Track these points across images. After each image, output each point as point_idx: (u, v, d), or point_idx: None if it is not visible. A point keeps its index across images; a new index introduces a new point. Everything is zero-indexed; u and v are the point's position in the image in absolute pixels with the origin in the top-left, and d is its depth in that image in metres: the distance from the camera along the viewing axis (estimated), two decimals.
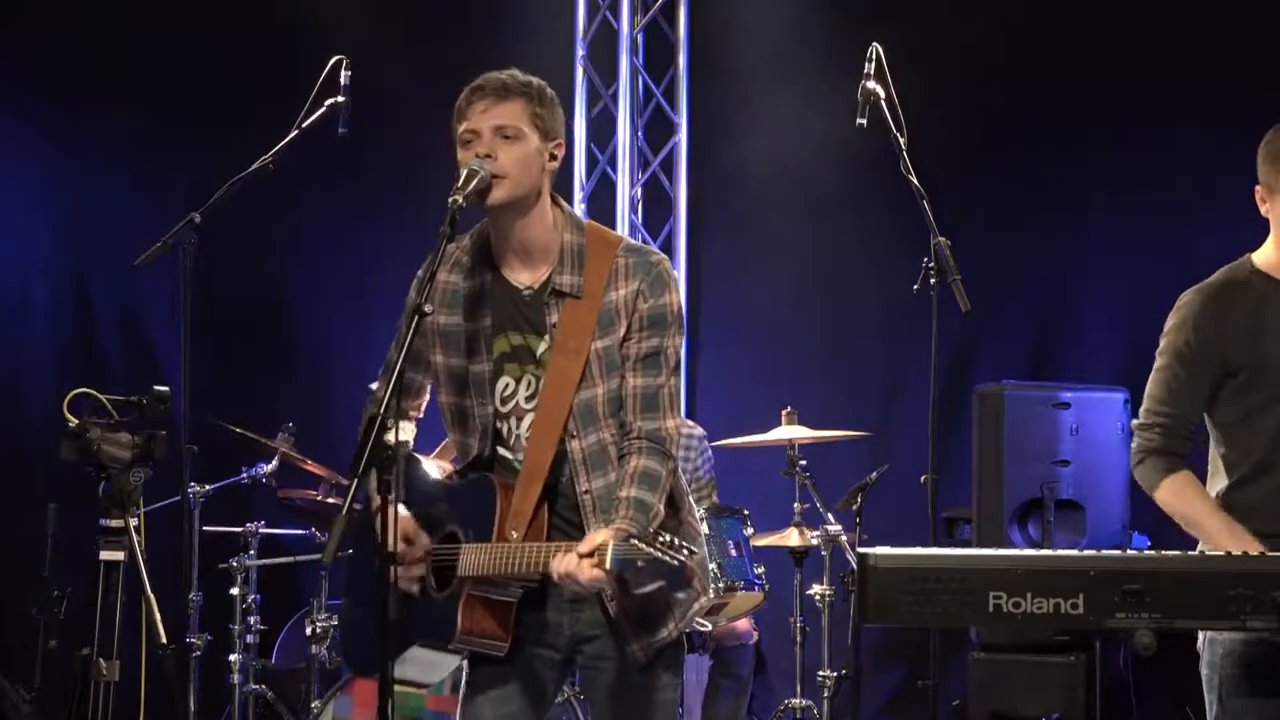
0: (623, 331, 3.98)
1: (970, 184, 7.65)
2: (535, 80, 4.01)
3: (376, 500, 3.88)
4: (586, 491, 3.95)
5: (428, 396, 4.22)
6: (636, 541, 3.68)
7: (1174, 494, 4.31)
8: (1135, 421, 4.41)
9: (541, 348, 3.99)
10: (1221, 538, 4.14)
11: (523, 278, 4.01)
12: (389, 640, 3.77)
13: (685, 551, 3.69)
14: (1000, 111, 7.82)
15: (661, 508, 3.94)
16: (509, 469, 3.99)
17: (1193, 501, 4.28)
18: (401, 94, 8.00)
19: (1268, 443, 4.25)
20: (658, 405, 3.97)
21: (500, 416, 4.01)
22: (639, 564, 3.68)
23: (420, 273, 4.07)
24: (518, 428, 4.00)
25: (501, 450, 4.02)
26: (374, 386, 4.28)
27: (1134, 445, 4.39)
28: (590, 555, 3.71)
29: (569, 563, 3.73)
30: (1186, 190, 7.43)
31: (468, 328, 4.01)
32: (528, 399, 4.00)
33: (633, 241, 4.11)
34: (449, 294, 4.05)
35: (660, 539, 3.71)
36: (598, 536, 3.74)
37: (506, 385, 4.01)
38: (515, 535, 3.89)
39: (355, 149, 6.46)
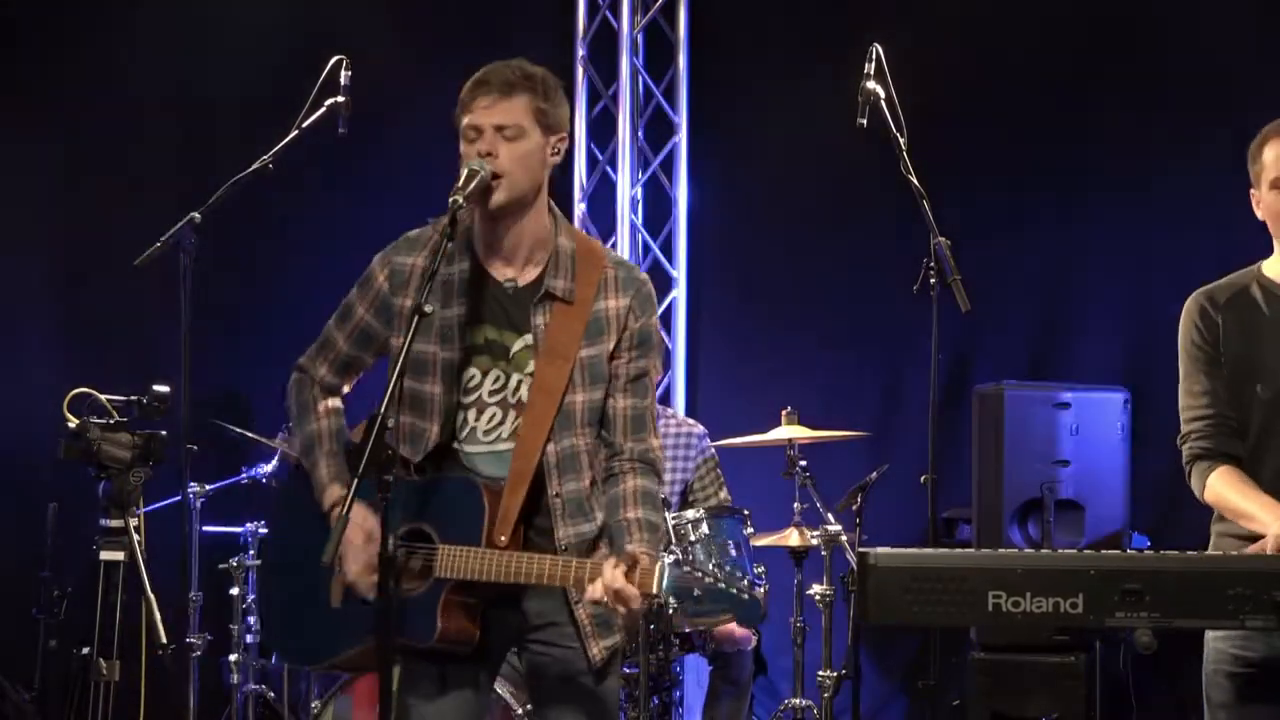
0: (611, 345, 4.02)
1: (971, 184, 7.64)
2: (540, 72, 4.02)
3: (334, 490, 3.95)
4: (557, 495, 3.96)
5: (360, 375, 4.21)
6: (693, 570, 3.75)
7: (1218, 491, 4.22)
8: (1178, 438, 4.35)
9: (517, 346, 4.00)
10: (1267, 515, 4.06)
11: (507, 273, 4.01)
12: (387, 638, 3.78)
13: (746, 582, 3.75)
14: (1001, 111, 7.82)
15: (664, 526, 3.98)
16: (458, 462, 3.98)
17: (1236, 490, 4.18)
18: (401, 93, 8.00)
19: (1253, 445, 4.24)
20: (645, 426, 4.05)
21: (461, 407, 3.99)
22: (695, 592, 3.73)
23: (401, 259, 4.04)
24: (475, 420, 3.99)
25: (453, 443, 3.99)
26: (303, 361, 4.21)
27: (1183, 461, 4.32)
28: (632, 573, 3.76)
29: (616, 579, 3.74)
30: (1187, 190, 7.42)
31: (442, 314, 3.97)
32: (491, 393, 3.99)
33: (617, 255, 4.17)
34: (425, 278, 3.97)
35: (718, 568, 3.76)
36: (639, 558, 3.78)
37: (472, 376, 3.99)
38: (503, 540, 3.88)
39: (356, 148, 6.45)
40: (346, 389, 4.23)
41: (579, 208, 8.58)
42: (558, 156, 4.04)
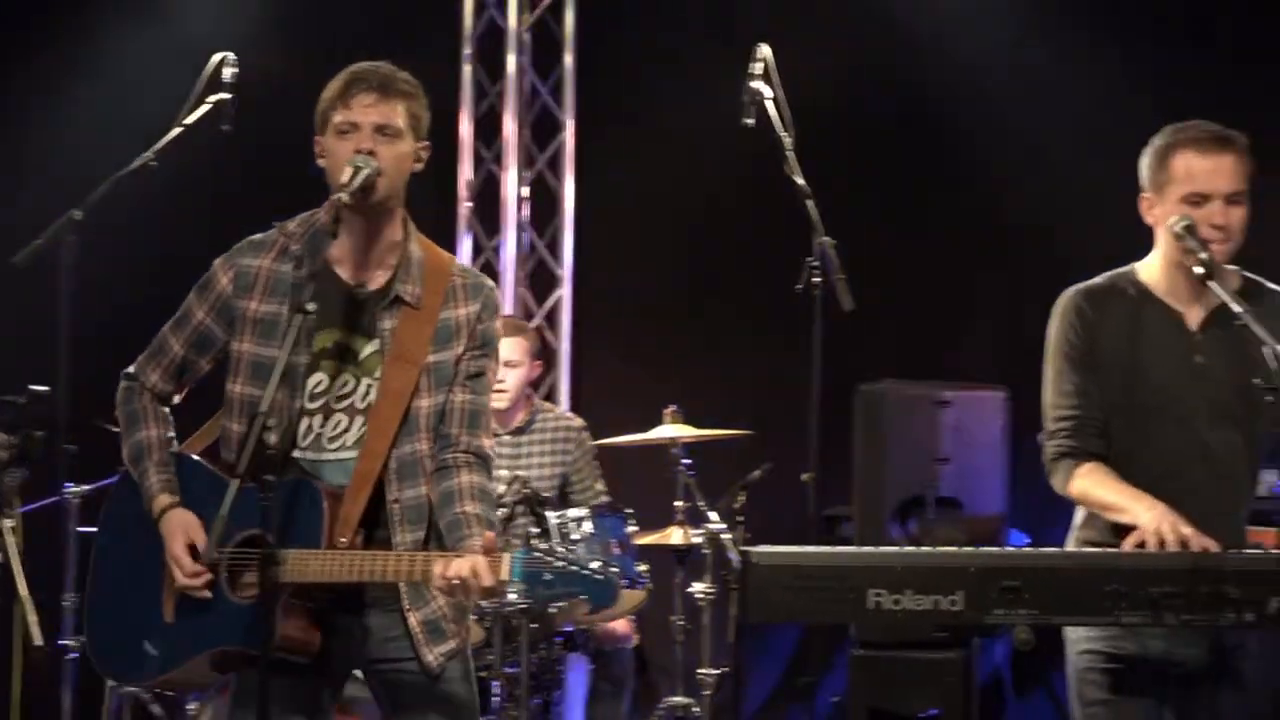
0: (460, 349, 4.01)
1: (860, 183, 7.70)
2: (411, 77, 4.04)
3: (160, 500, 3.95)
4: (395, 501, 3.94)
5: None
6: (542, 554, 3.69)
7: (1086, 486, 4.23)
8: (1040, 435, 4.36)
9: (367, 350, 3.99)
10: (1138, 507, 4.08)
11: (358, 277, 4.01)
12: (269, 638, 3.75)
13: (594, 565, 3.70)
14: (892, 112, 7.90)
15: (498, 525, 3.98)
16: (303, 470, 3.95)
17: (1105, 485, 4.19)
18: (286, 92, 7.92)
19: (1133, 445, 4.27)
20: (480, 423, 4.04)
21: (306, 413, 3.97)
22: (545, 577, 3.66)
23: (246, 261, 4.07)
24: (320, 426, 3.97)
25: (294, 450, 3.96)
26: (132, 369, 4.19)
27: (1044, 458, 4.33)
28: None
29: (464, 567, 3.68)
30: (1068, 191, 7.51)
31: (289, 318, 3.93)
32: (338, 399, 3.97)
33: (462, 263, 4.19)
34: (272, 281, 4.01)
35: (563, 551, 3.72)
36: (485, 545, 3.73)
37: (320, 382, 3.98)
38: (344, 543, 3.85)
39: (239, 146, 6.40)
40: (178, 398, 4.19)
41: (464, 206, 8.56)
42: (420, 164, 4.06)
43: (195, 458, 4.09)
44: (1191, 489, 4.17)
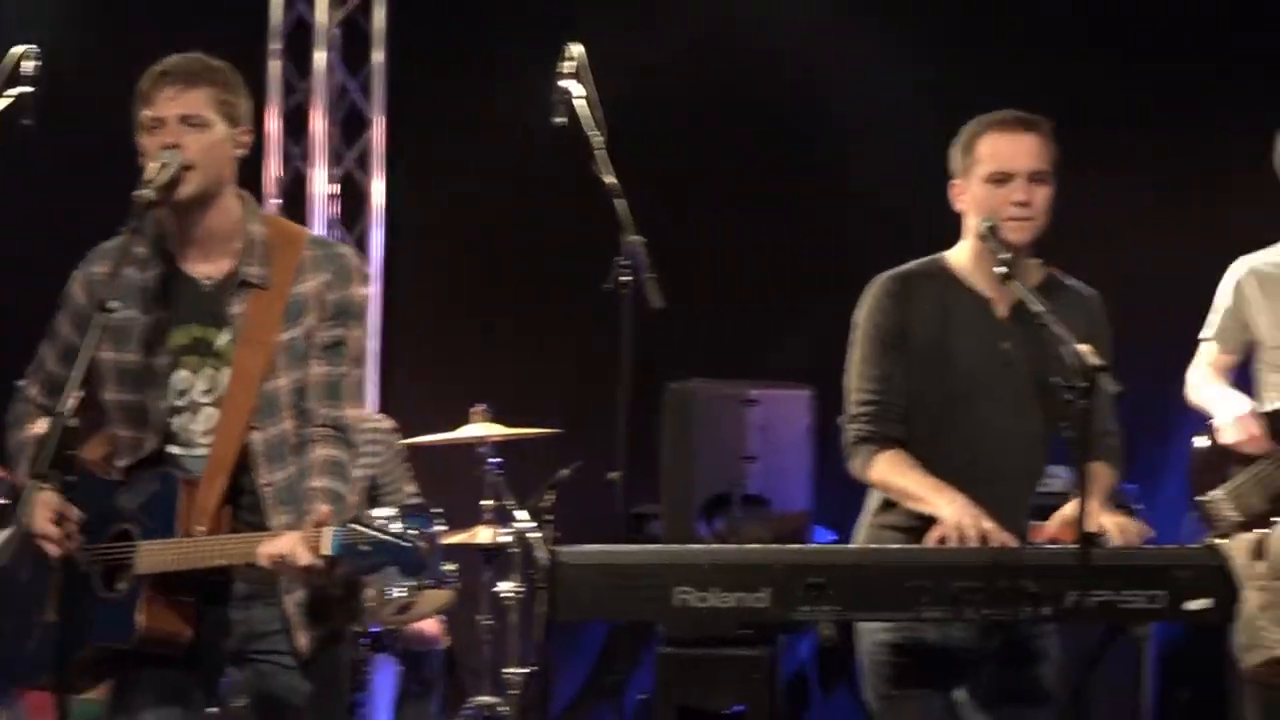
0: (313, 322, 3.96)
1: (673, 183, 7.75)
2: (222, 65, 3.98)
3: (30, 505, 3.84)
4: (268, 484, 3.90)
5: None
6: (358, 526, 3.66)
7: (885, 471, 4.22)
8: (841, 417, 4.36)
9: (221, 340, 3.94)
10: (940, 500, 4.09)
11: (203, 269, 3.96)
12: (69, 637, 3.72)
13: (413, 533, 3.67)
14: (708, 108, 7.96)
15: (352, 498, 3.92)
16: (180, 467, 3.92)
17: (906, 473, 4.19)
18: (90, 83, 7.78)
19: (939, 430, 4.28)
20: (340, 393, 3.97)
21: (175, 411, 3.94)
22: (362, 548, 3.65)
23: (95, 269, 4.01)
24: (191, 422, 3.94)
25: (171, 447, 3.93)
26: (21, 383, 4.14)
27: (844, 440, 4.32)
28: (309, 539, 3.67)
29: (284, 545, 3.67)
30: (888, 188, 7.62)
31: (143, 321, 3.92)
32: (204, 393, 3.94)
33: (317, 235, 4.15)
34: (121, 287, 3.93)
35: (382, 523, 3.70)
36: (316, 520, 3.70)
37: (183, 379, 3.94)
38: (200, 531, 3.81)
39: (41, 141, 6.27)
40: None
41: (271, 204, 8.46)
42: (243, 150, 4.00)
43: (82, 458, 4.00)
44: (993, 477, 4.22)
